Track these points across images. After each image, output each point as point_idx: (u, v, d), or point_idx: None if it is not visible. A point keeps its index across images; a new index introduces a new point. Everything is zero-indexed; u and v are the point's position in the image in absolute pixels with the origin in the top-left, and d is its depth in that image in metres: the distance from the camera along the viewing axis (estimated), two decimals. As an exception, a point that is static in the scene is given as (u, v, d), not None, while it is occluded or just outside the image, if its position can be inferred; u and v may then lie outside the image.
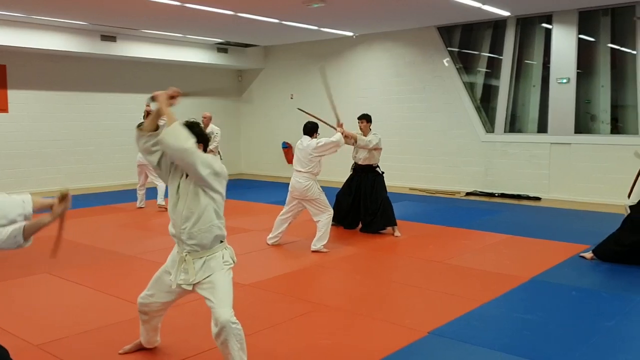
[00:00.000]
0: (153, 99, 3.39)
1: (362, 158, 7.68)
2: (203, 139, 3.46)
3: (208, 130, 10.39)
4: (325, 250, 6.70)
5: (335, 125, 7.03)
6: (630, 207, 6.17)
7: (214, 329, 3.27)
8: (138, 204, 9.62)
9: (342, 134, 6.88)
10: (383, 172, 7.82)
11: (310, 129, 6.82)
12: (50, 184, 11.34)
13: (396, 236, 7.51)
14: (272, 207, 8.90)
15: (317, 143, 6.67)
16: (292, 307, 4.83)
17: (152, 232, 7.91)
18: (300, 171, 6.72)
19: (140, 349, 3.87)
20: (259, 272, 5.88)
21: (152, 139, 3.38)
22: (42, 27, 10.68)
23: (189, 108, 13.55)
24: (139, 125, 3.49)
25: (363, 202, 7.72)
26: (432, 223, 8.41)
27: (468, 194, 11.15)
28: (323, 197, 6.78)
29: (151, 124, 3.41)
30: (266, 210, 9.12)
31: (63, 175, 11.83)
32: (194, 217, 3.34)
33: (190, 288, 3.42)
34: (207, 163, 3.27)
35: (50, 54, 11.46)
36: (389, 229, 7.66)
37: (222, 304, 3.28)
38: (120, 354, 3.83)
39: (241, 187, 11.93)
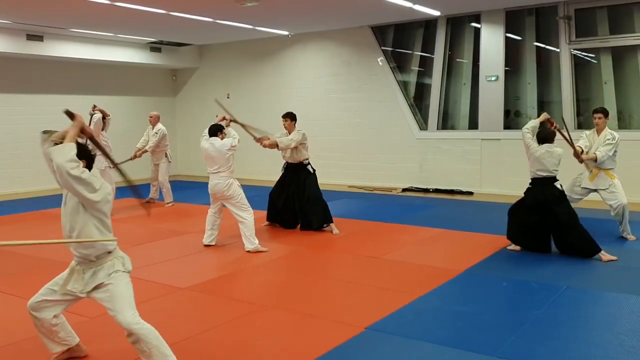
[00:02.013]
0: (71, 116, 3.44)
1: (289, 157, 7.77)
2: (84, 156, 3.38)
3: (156, 129, 10.16)
4: (264, 249, 6.70)
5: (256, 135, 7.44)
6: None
7: (125, 333, 3.35)
8: None
9: (263, 145, 7.31)
10: (315, 170, 7.88)
11: (216, 131, 6.83)
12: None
13: (335, 234, 7.58)
14: (209, 208, 8.80)
15: (232, 144, 6.72)
16: (230, 308, 4.81)
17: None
18: (218, 172, 6.72)
19: (71, 356, 3.76)
20: (196, 275, 5.82)
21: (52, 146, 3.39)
22: (-39, 26, 10.21)
23: (124, 108, 13.27)
24: (46, 132, 3.47)
25: (297, 201, 7.77)
26: (370, 219, 8.54)
27: (404, 190, 11.37)
28: (243, 194, 6.80)
29: (60, 137, 3.41)
30: (203, 212, 8.95)
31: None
32: (74, 233, 3.39)
33: (84, 295, 3.48)
34: (92, 187, 3.27)
35: (-29, 54, 10.95)
36: (327, 227, 7.72)
37: (120, 310, 3.35)
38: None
39: (178, 189, 11.73)
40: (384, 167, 11.81)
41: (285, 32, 12.39)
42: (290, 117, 7.74)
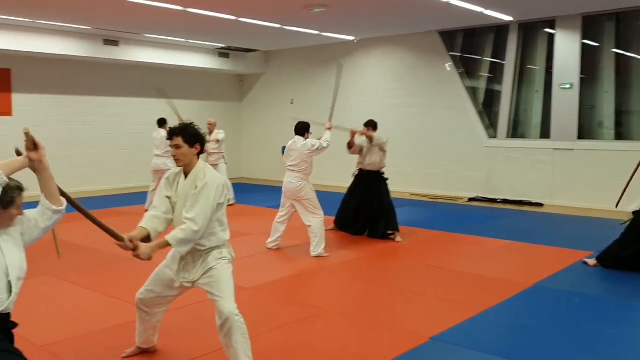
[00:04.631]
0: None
1: (371, 164, 7.60)
2: (199, 139, 3.47)
3: (214, 136, 10.45)
4: (326, 254, 6.67)
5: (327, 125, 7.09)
6: (634, 212, 6.11)
7: (218, 321, 3.31)
8: (147, 205, 9.63)
9: (361, 133, 7.14)
10: (387, 178, 7.79)
11: (302, 129, 6.83)
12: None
13: (397, 241, 7.47)
14: (272, 211, 8.84)
15: (312, 146, 6.70)
16: (292, 311, 4.80)
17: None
18: (293, 171, 6.73)
19: (142, 352, 3.83)
20: (259, 276, 5.85)
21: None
22: (46, 31, 10.71)
23: (192, 112, 13.55)
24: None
25: (368, 208, 7.68)
26: (434, 229, 8.37)
27: (470, 199, 11.10)
28: (315, 198, 6.77)
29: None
30: (266, 214, 9.08)
31: (64, 179, 11.75)
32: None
33: (190, 285, 3.48)
34: (210, 210, 3.37)
35: (54, 59, 11.46)
36: (392, 234, 7.61)
37: (225, 297, 3.33)
38: (123, 357, 3.79)
39: (242, 191, 11.90)
40: (450, 175, 11.58)
41: (351, 38, 12.38)
42: (372, 125, 7.63)
